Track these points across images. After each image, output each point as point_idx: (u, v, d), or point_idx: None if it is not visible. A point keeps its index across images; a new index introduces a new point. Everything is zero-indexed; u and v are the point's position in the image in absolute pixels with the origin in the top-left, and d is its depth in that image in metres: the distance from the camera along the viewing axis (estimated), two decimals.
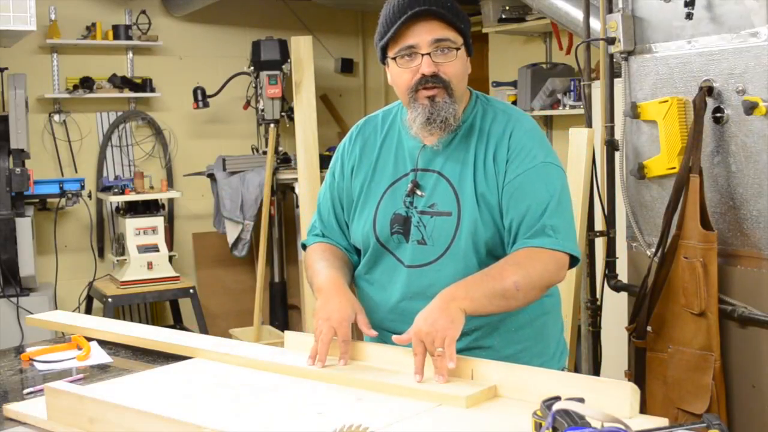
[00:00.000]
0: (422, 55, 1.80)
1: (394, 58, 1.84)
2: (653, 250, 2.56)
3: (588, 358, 3.10)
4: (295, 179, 4.99)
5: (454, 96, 1.83)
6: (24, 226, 4.42)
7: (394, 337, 1.71)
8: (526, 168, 1.82)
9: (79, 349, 2.05)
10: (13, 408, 1.64)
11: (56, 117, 5.28)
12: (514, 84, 4.96)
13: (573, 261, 1.83)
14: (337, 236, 2.03)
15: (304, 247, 2.08)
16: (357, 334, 1.93)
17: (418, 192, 1.88)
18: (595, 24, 3.29)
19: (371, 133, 2.01)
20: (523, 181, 1.82)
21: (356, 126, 2.05)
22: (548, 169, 1.84)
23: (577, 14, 3.73)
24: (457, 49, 1.82)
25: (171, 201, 5.52)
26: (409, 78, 1.83)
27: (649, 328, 2.56)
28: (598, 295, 3.06)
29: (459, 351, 1.70)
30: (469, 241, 1.82)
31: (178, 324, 5.32)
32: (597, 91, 3.16)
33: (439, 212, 1.85)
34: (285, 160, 5.24)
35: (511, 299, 1.75)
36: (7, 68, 4.80)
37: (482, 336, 1.84)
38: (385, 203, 1.91)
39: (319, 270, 1.92)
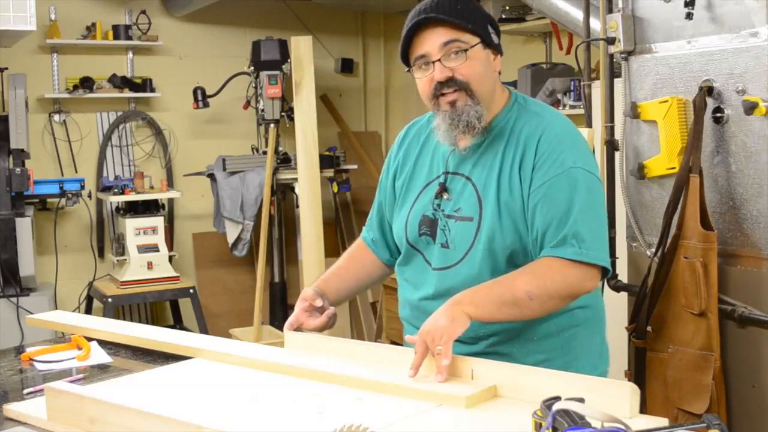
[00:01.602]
0: (434, 62, 1.81)
1: (413, 66, 1.87)
2: (653, 250, 2.56)
3: None
4: (295, 179, 4.99)
5: (476, 97, 1.82)
6: (24, 226, 4.43)
7: (407, 337, 1.76)
8: (554, 174, 1.78)
9: (79, 349, 2.05)
10: (13, 408, 1.64)
11: (56, 117, 5.28)
12: (514, 84, 4.95)
13: (605, 271, 1.79)
14: (376, 232, 2.11)
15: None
16: (355, 335, 1.94)
17: (445, 195, 1.89)
18: (595, 24, 3.29)
19: (414, 136, 2.04)
20: (549, 188, 1.78)
21: (405, 128, 2.09)
22: (576, 175, 1.79)
23: (577, 14, 3.73)
24: (469, 49, 1.81)
25: (171, 201, 5.52)
26: (427, 86, 1.84)
27: (649, 328, 2.55)
28: None
29: (475, 355, 1.72)
30: (486, 247, 1.81)
31: (178, 324, 5.32)
32: (597, 91, 3.16)
33: (462, 217, 1.86)
34: (285, 160, 5.24)
35: (525, 308, 1.72)
36: (7, 68, 4.80)
37: (499, 342, 1.83)
38: (418, 205, 1.94)
39: (327, 270, 2.09)
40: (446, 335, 1.63)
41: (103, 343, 2.10)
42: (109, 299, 4.75)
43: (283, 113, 5.18)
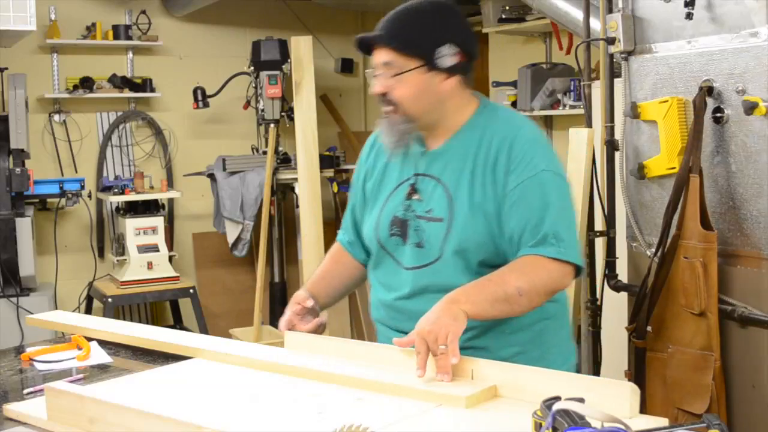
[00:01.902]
0: (375, 76, 1.92)
1: None
2: (653, 250, 2.56)
3: (588, 358, 3.10)
4: (295, 179, 4.99)
5: (408, 115, 1.90)
6: (24, 226, 4.43)
7: (395, 340, 1.74)
8: (527, 177, 1.84)
9: (79, 349, 2.05)
10: (13, 408, 1.64)
11: (56, 117, 5.28)
12: (514, 84, 4.95)
13: (578, 270, 1.85)
14: (351, 234, 2.14)
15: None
16: (355, 336, 1.93)
17: (416, 196, 1.94)
18: (595, 24, 3.29)
19: None
20: (524, 190, 1.84)
21: (374, 133, 2.12)
22: (549, 178, 1.86)
23: (577, 14, 3.73)
24: (402, 73, 1.87)
25: (171, 201, 5.52)
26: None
27: (649, 328, 2.55)
28: (598, 295, 3.06)
29: None
30: (458, 247, 1.85)
31: (178, 324, 5.31)
32: (597, 91, 3.16)
33: (433, 218, 1.90)
34: (285, 160, 5.23)
35: (515, 304, 1.77)
36: (7, 68, 4.80)
37: (474, 336, 1.85)
38: (388, 206, 1.98)
39: (313, 275, 2.12)
40: (452, 333, 1.63)
41: (103, 343, 2.10)
42: (109, 299, 4.75)
43: (283, 113, 5.18)
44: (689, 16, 2.46)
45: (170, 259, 5.05)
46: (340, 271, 2.13)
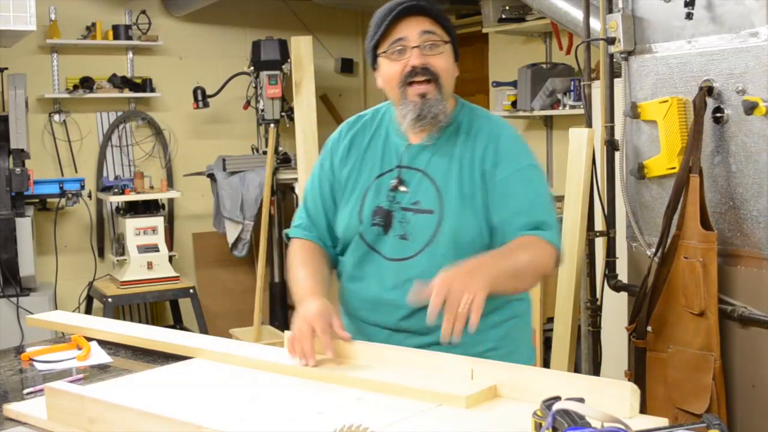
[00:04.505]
0: (412, 47, 1.87)
1: (384, 53, 1.91)
2: (653, 250, 2.56)
3: (588, 358, 3.10)
4: (295, 179, 4.99)
5: (443, 93, 1.89)
6: (24, 226, 4.43)
7: (413, 294, 1.66)
8: (515, 169, 1.89)
9: (79, 349, 2.05)
10: (13, 408, 1.64)
11: (56, 117, 5.28)
12: (514, 84, 4.96)
13: (559, 259, 1.90)
14: (320, 228, 2.05)
15: (287, 237, 2.11)
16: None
17: (402, 188, 1.93)
18: (595, 24, 3.29)
19: (360, 130, 2.07)
20: (513, 181, 1.88)
21: (346, 122, 2.12)
22: (535, 172, 1.93)
23: (577, 14, 3.73)
24: (445, 43, 1.89)
25: (171, 201, 5.52)
26: (399, 70, 1.88)
27: (649, 328, 2.55)
28: (598, 295, 3.06)
29: (426, 346, 1.77)
30: (451, 238, 1.86)
31: (178, 324, 5.32)
32: (597, 91, 3.16)
33: (422, 210, 1.90)
34: (285, 160, 5.24)
35: (521, 281, 1.81)
36: (7, 68, 4.80)
37: None
38: (370, 197, 1.96)
39: (299, 279, 1.94)
40: (479, 299, 1.60)
41: (103, 343, 2.10)
42: (109, 299, 4.75)
43: (283, 113, 5.18)
44: (689, 16, 2.46)
45: (170, 259, 5.05)
46: (324, 271, 2.00)
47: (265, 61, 5.14)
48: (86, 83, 5.25)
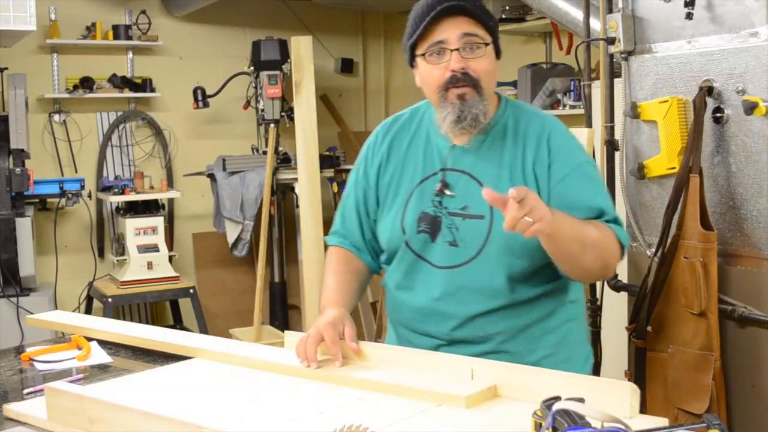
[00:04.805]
0: (451, 50, 1.79)
1: (423, 55, 1.83)
2: (653, 250, 2.56)
3: None
4: (295, 179, 4.99)
5: (483, 94, 1.81)
6: (24, 226, 4.42)
7: (487, 191, 1.59)
8: (572, 168, 1.83)
9: (79, 349, 2.05)
10: (13, 408, 1.64)
11: (56, 117, 5.28)
12: (514, 84, 4.96)
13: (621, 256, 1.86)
14: (356, 237, 2.02)
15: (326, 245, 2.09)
16: (355, 335, 1.92)
17: (447, 192, 1.86)
18: (595, 24, 3.29)
19: (399, 131, 1.98)
20: (572, 180, 1.82)
21: (383, 124, 2.03)
22: (592, 168, 1.89)
23: (577, 14, 3.73)
24: (486, 45, 1.81)
25: (171, 201, 5.52)
26: (439, 75, 1.81)
27: (649, 328, 2.55)
28: (598, 295, 3.06)
29: (483, 354, 1.74)
30: (504, 244, 1.79)
31: (178, 324, 5.32)
32: (597, 91, 3.16)
33: (471, 215, 1.83)
34: (285, 160, 5.24)
35: (584, 254, 1.73)
36: (7, 68, 4.80)
37: (505, 340, 1.83)
38: (414, 202, 1.89)
39: (326, 288, 1.94)
40: (542, 223, 1.56)
41: (103, 343, 2.10)
42: (109, 299, 4.75)
43: (283, 113, 5.18)
44: (689, 16, 2.46)
45: (170, 259, 5.05)
46: (357, 280, 1.99)
47: (265, 61, 5.14)
48: (86, 83, 5.25)
